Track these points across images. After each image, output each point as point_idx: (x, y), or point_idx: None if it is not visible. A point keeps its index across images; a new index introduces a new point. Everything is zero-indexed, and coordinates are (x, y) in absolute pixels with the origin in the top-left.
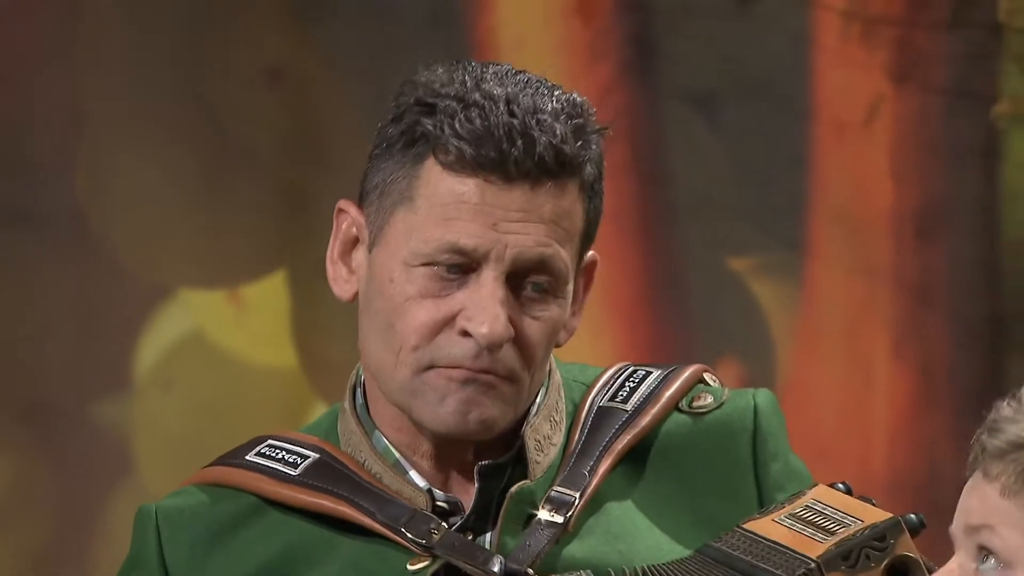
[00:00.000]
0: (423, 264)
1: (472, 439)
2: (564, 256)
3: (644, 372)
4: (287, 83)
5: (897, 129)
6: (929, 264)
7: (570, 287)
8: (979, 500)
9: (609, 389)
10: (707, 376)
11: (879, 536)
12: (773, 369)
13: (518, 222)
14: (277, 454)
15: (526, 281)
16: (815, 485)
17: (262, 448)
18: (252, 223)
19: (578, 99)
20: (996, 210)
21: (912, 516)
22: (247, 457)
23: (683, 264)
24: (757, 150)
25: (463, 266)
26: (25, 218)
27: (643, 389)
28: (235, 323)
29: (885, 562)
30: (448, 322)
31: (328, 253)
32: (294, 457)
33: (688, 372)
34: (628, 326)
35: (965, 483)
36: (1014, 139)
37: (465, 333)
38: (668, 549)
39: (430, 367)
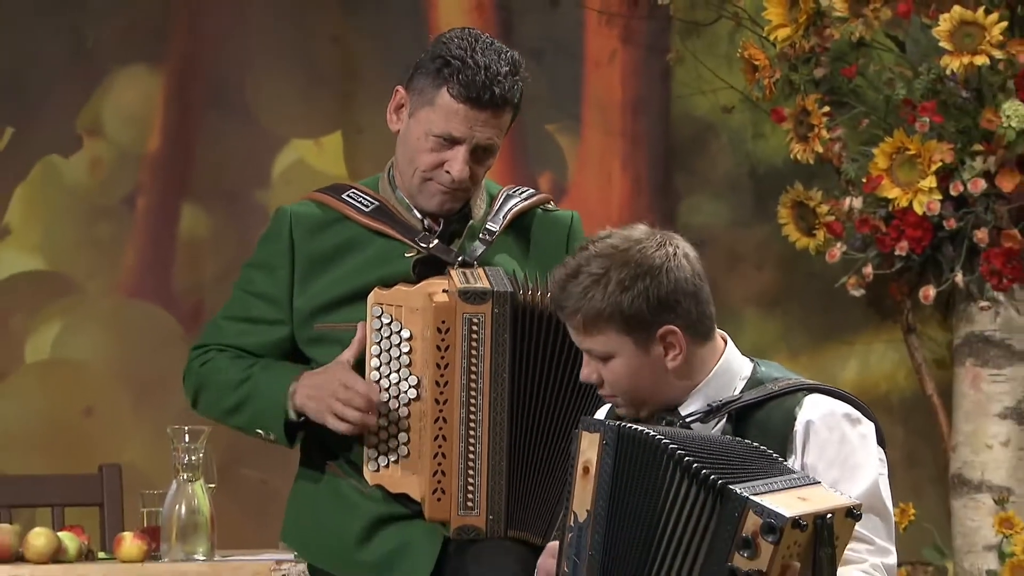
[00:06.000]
0: (434, 136)
1: (444, 216)
2: (499, 142)
3: (525, 188)
4: (342, 42)
5: (624, 63)
6: (636, 132)
7: (499, 148)
8: (575, 336)
9: (511, 189)
10: (551, 203)
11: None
12: (567, 178)
13: (482, 126)
14: (358, 198)
15: (479, 149)
16: None
17: (349, 193)
18: (326, 107)
19: (516, 57)
20: (668, 102)
21: None
22: (342, 196)
23: (524, 131)
24: (559, 76)
25: (452, 142)
26: (221, 105)
27: (527, 194)
28: (318, 156)
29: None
30: (440, 165)
31: (389, 106)
32: (367, 201)
33: (545, 194)
34: (498, 165)
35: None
36: (678, 71)
37: (448, 172)
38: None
39: (429, 180)
